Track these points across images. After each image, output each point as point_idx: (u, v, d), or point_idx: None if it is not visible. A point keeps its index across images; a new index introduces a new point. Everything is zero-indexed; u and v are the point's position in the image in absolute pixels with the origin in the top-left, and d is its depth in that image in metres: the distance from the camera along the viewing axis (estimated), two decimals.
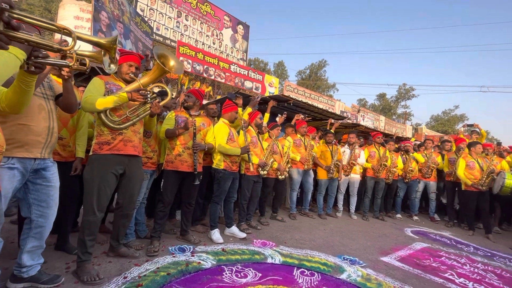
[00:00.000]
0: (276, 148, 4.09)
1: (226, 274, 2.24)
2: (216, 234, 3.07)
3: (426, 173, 5.49)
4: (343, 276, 2.44)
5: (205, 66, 10.71)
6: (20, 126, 1.61)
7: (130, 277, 2.03)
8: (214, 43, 14.55)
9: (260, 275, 2.28)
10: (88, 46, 1.97)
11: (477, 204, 4.71)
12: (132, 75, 2.20)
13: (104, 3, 7.28)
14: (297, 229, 3.89)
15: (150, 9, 11.89)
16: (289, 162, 4.38)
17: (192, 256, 2.53)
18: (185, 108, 2.93)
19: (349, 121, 8.02)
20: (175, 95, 4.60)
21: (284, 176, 4.22)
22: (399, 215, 5.57)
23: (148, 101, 2.13)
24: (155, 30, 11.75)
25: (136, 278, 2.03)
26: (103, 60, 1.50)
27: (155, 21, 12.00)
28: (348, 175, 5.07)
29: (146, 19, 11.11)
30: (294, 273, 2.39)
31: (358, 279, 2.43)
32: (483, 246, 4.08)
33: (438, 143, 6.80)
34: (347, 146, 5.23)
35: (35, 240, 1.75)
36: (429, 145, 5.75)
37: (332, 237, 3.72)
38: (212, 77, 10.96)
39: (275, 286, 2.12)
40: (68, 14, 7.76)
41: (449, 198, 5.45)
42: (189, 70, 10.21)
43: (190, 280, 2.08)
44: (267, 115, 4.38)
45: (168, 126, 2.77)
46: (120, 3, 8.14)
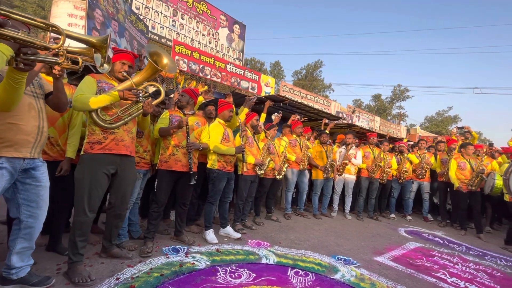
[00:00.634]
0: (272, 148, 4.09)
1: (220, 274, 2.23)
2: (210, 235, 3.05)
3: (420, 174, 5.54)
4: (337, 276, 2.45)
5: (201, 66, 10.65)
6: (9, 125, 1.58)
7: (122, 278, 2.00)
8: (210, 42, 14.46)
9: (254, 275, 2.28)
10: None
11: (469, 204, 4.79)
12: (125, 74, 2.16)
13: (99, 1, 7.18)
14: (292, 229, 3.90)
15: (145, 7, 11.77)
16: (286, 162, 4.38)
17: (186, 256, 2.51)
18: (179, 108, 2.91)
19: (344, 122, 8.04)
20: (172, 95, 4.55)
21: (282, 176, 4.22)
22: (393, 215, 5.62)
23: (140, 100, 2.10)
24: (150, 28, 11.64)
25: (128, 279, 2.00)
26: (93, 56, 1.47)
27: (150, 19, 11.88)
28: (341, 174, 5.09)
29: (142, 17, 11.00)
30: (288, 274, 2.39)
31: (352, 279, 2.44)
32: (475, 245, 4.14)
33: (432, 144, 6.88)
34: (344, 147, 5.24)
35: (24, 241, 1.72)
36: (423, 146, 5.80)
37: (327, 237, 3.73)
38: (208, 77, 10.92)
39: (269, 287, 2.12)
40: (62, 11, 7.62)
41: (441, 198, 5.52)
42: (185, 69, 10.14)
43: (183, 281, 2.06)
44: (264, 115, 4.38)
45: (162, 125, 2.75)
46: (115, 1, 8.04)
